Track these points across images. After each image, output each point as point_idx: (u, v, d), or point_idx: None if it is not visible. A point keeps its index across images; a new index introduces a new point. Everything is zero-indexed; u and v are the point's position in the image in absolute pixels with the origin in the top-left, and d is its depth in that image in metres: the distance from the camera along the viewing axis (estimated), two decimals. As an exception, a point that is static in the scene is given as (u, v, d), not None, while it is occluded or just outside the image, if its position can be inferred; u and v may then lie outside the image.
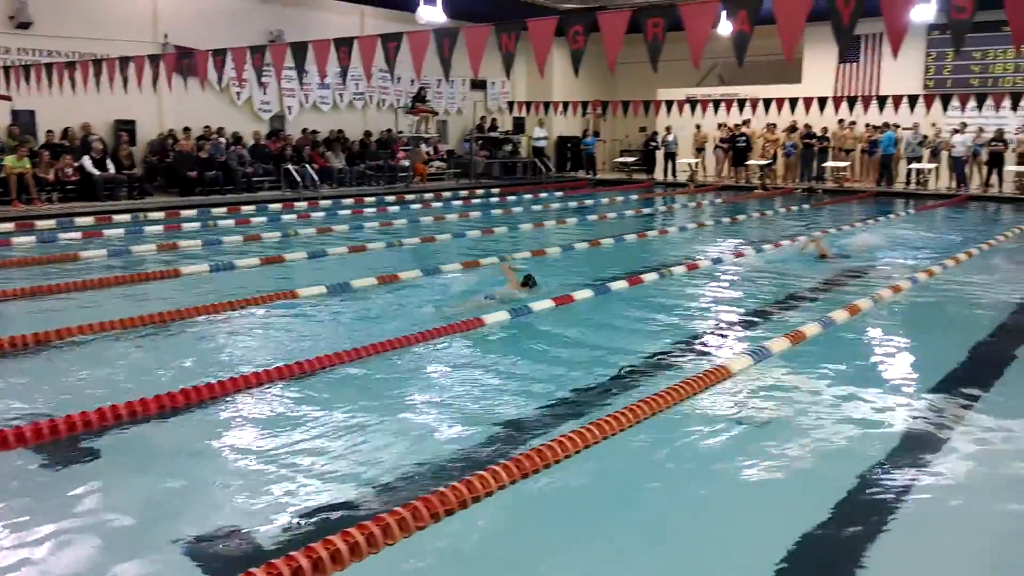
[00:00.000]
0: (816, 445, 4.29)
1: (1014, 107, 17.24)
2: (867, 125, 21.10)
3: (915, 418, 4.71)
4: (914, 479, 3.89)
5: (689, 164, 23.42)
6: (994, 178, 19.57)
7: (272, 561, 2.87)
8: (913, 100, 18.21)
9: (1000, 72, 20.43)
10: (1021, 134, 19.30)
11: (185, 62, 11.26)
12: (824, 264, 9.76)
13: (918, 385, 5.38)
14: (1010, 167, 19.31)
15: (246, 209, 14.82)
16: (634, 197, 19.23)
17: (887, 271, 9.50)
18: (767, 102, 19.89)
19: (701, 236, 13.02)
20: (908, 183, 20.63)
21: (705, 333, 6.85)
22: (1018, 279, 9.27)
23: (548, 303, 7.27)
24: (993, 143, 19.39)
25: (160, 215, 13.61)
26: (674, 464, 4.14)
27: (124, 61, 11.76)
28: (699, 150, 23.43)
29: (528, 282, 7.75)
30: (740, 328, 6.97)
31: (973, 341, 6.50)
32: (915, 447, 4.29)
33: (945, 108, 18.59)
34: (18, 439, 4.11)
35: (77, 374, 5.43)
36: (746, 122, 21.81)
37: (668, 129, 23.24)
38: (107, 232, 11.81)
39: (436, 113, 22.30)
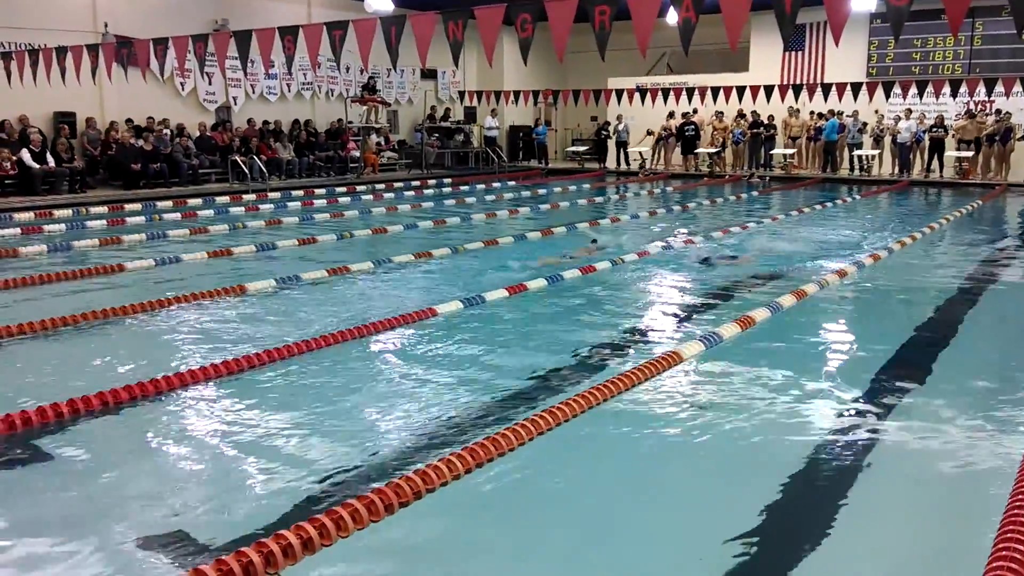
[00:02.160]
0: (765, 429, 4.36)
1: (953, 94, 17.70)
2: (812, 113, 21.46)
3: (858, 401, 4.81)
4: (857, 461, 3.99)
5: (640, 152, 23.55)
6: (934, 163, 20.08)
7: (222, 557, 2.83)
8: (856, 88, 18.57)
9: (940, 60, 20.91)
10: (961, 120, 19.79)
11: (124, 51, 10.99)
12: (771, 253, 9.91)
13: (863, 369, 5.48)
14: (950, 152, 19.81)
15: (192, 202, 14.53)
16: (587, 186, 19.29)
17: (831, 260, 9.69)
18: (715, 90, 20.08)
19: (652, 224, 13.12)
20: (852, 170, 21.07)
21: (657, 320, 6.92)
22: (957, 263, 9.52)
23: (502, 292, 7.28)
24: (934, 129, 19.88)
25: (103, 209, 13.27)
26: (625, 449, 4.17)
27: (61, 51, 11.44)
28: (658, 140, 23.50)
29: (594, 243, 9.76)
30: (692, 314, 7.04)
31: (914, 324, 6.67)
32: (858, 430, 4.38)
33: (887, 95, 19.01)
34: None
35: (18, 372, 5.27)
36: (695, 111, 22.02)
37: (619, 118, 23.32)
38: (47, 227, 11.48)
39: (387, 103, 22.09)
